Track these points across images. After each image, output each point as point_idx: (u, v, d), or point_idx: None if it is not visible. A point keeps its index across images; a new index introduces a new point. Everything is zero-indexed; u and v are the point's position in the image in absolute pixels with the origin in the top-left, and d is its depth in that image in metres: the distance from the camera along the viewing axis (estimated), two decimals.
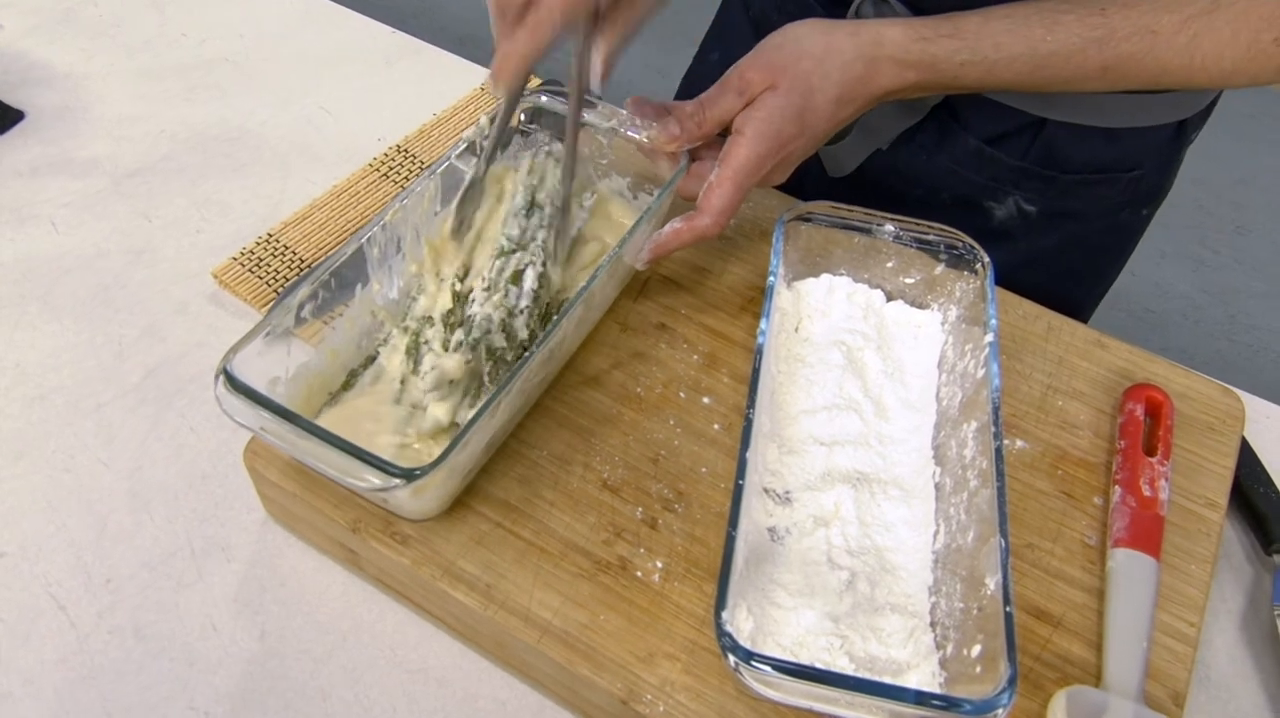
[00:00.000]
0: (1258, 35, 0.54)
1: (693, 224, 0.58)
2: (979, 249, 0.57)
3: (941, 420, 0.55)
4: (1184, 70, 0.57)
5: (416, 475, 0.43)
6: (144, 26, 0.87)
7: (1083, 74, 0.58)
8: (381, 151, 0.77)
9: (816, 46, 0.58)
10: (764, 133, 0.57)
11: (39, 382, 0.62)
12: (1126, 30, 0.56)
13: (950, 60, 0.58)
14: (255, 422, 0.46)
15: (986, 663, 0.43)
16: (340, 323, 0.55)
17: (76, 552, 0.55)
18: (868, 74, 0.58)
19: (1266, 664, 0.56)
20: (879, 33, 0.58)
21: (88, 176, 0.74)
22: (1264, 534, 0.60)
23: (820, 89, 0.57)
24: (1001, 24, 0.58)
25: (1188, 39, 0.55)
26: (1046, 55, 0.58)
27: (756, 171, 0.57)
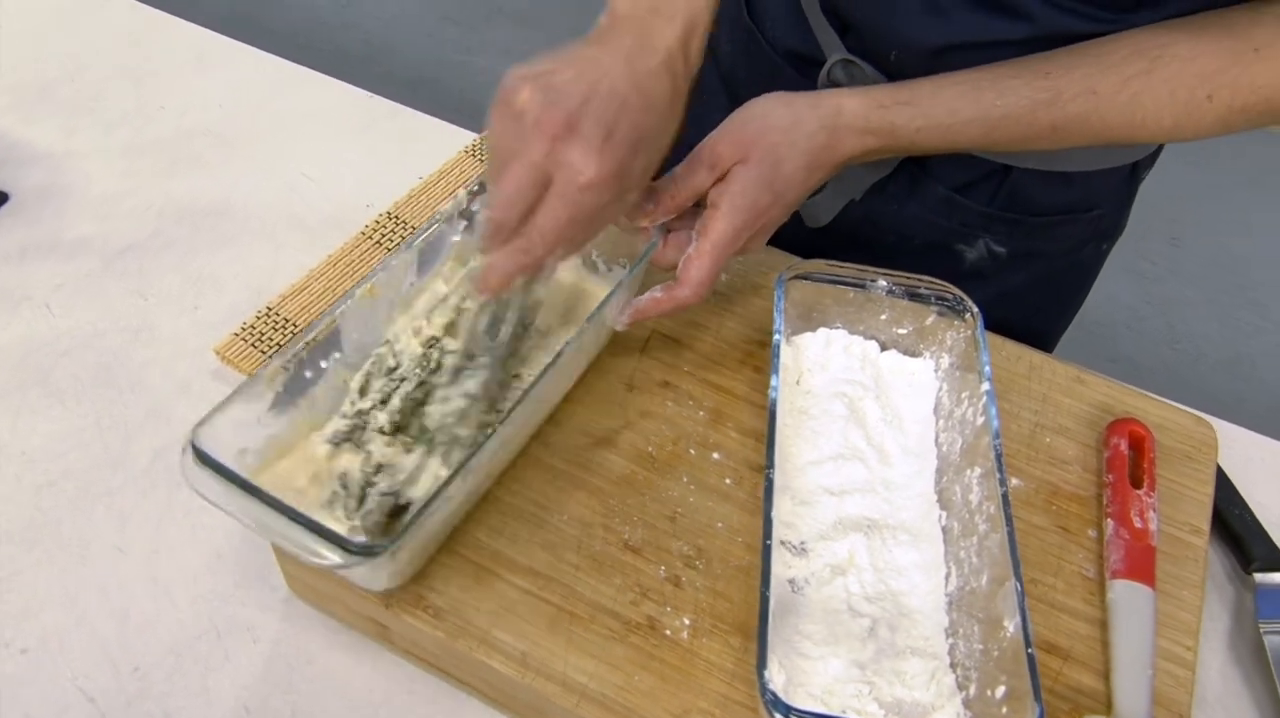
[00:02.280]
0: (1193, 93, 0.58)
1: (673, 294, 0.60)
2: (967, 300, 0.60)
3: (943, 466, 0.58)
4: (1127, 128, 0.61)
5: (367, 551, 0.44)
6: (122, 101, 0.87)
7: (1034, 134, 0.62)
8: (372, 218, 0.78)
9: (782, 120, 0.61)
10: (739, 206, 0.59)
11: (46, 468, 0.62)
12: (1072, 92, 0.60)
13: (907, 126, 0.61)
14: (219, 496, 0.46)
15: (1012, 704, 0.45)
16: (313, 392, 0.55)
17: (100, 642, 0.55)
18: (831, 143, 0.61)
19: (1256, 681, 0.59)
20: (839, 104, 0.61)
21: (78, 257, 0.74)
22: (1242, 554, 0.63)
23: (789, 159, 0.60)
24: (954, 90, 0.61)
25: (1128, 98, 0.59)
26: (999, 119, 0.61)
27: (734, 243, 0.60)
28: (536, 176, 0.49)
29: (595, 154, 0.49)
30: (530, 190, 0.50)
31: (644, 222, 0.61)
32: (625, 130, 0.50)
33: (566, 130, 0.49)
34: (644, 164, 0.53)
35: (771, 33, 0.77)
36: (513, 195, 0.49)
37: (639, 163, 0.52)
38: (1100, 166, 0.73)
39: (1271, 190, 2.39)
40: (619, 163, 0.50)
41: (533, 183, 0.50)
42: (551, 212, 0.50)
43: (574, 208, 0.50)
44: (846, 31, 0.71)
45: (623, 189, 0.52)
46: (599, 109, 0.49)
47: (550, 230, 0.50)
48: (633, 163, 0.51)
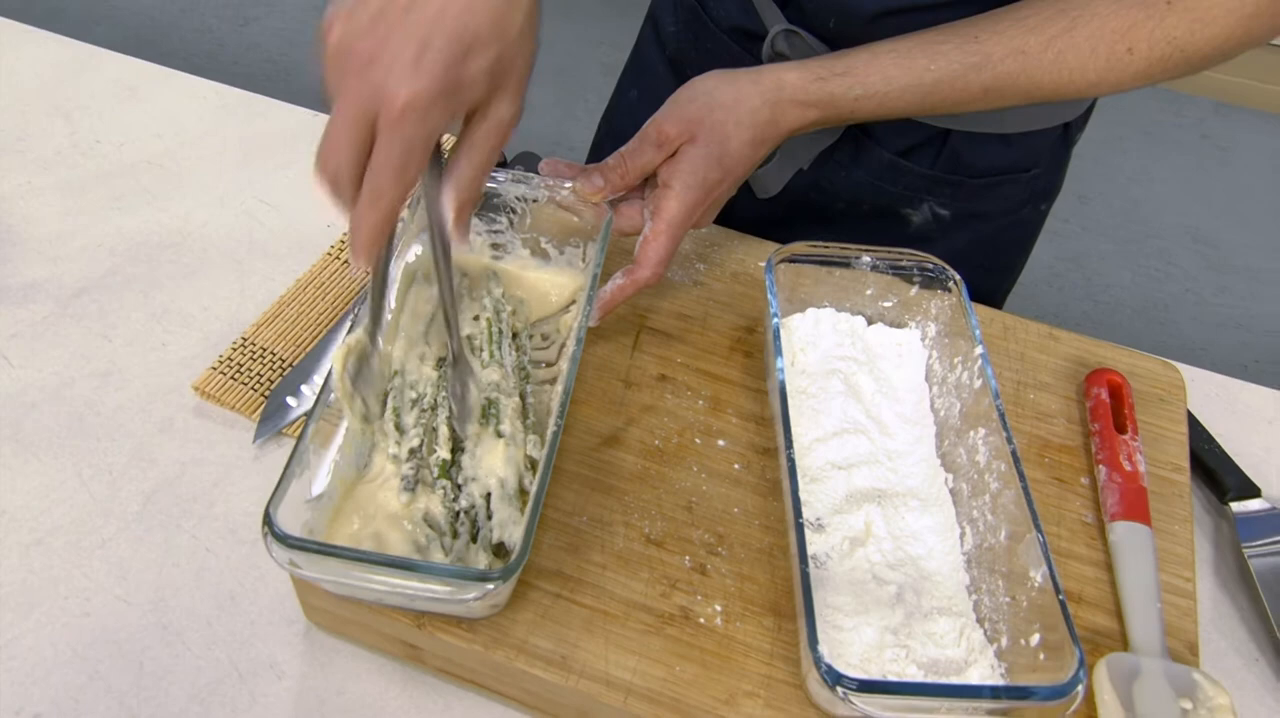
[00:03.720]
0: (1114, 47, 0.61)
1: (634, 277, 0.62)
2: (949, 269, 0.62)
3: (942, 430, 0.60)
4: (1054, 85, 0.64)
5: (513, 570, 0.44)
6: (53, 137, 0.83)
7: (967, 97, 0.64)
8: (336, 238, 0.76)
9: (726, 97, 0.62)
10: (691, 184, 0.61)
11: (32, 527, 0.60)
12: (1000, 54, 0.62)
13: (845, 96, 0.63)
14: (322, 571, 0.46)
15: (1048, 651, 0.47)
16: (336, 442, 0.54)
17: (118, 697, 0.53)
18: (774, 117, 0.63)
19: (1243, 603, 0.63)
20: (779, 78, 0.63)
21: (30, 303, 0.71)
22: (1217, 486, 0.67)
23: (735, 135, 0.62)
24: (888, 59, 0.63)
25: (1054, 56, 0.62)
26: (932, 84, 0.63)
27: (688, 221, 0.62)
28: (352, 118, 0.44)
29: (407, 72, 0.43)
30: (349, 134, 0.44)
31: (596, 198, 0.62)
32: (443, 37, 0.44)
33: (370, 57, 0.44)
34: (486, 64, 0.46)
35: (715, 10, 0.79)
36: (336, 144, 0.45)
37: (476, 66, 0.45)
38: (1035, 127, 0.76)
39: (1163, 142, 2.51)
40: (442, 75, 0.44)
41: (350, 126, 0.44)
42: (382, 148, 0.44)
43: (402, 137, 0.44)
44: (787, 4, 0.72)
45: (467, 100, 0.46)
46: (407, 24, 0.44)
47: (388, 170, 0.44)
48: (465, 69, 0.45)
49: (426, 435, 0.54)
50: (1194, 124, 2.57)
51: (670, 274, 0.71)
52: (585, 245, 0.65)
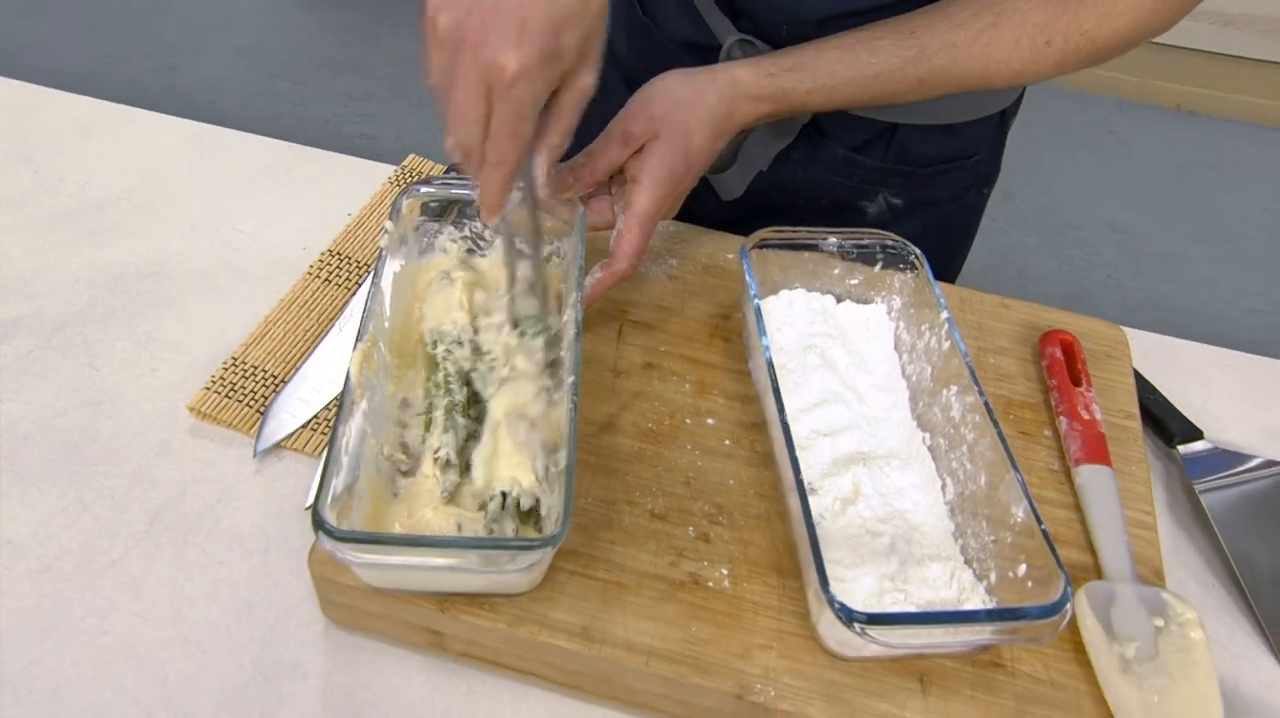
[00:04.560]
0: (1034, 39, 0.67)
1: (612, 270, 0.66)
2: (909, 245, 0.66)
3: (915, 394, 0.64)
4: (983, 75, 0.69)
5: (558, 537, 0.47)
6: (17, 178, 0.84)
7: (904, 87, 0.69)
8: (315, 258, 0.78)
9: (685, 94, 0.66)
10: (659, 177, 0.65)
11: (39, 554, 0.60)
12: (934, 47, 0.68)
13: (796, 89, 0.68)
14: (372, 559, 0.49)
15: (1035, 579, 0.51)
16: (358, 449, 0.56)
17: (144, 709, 0.54)
18: (731, 111, 0.67)
19: (1198, 536, 0.68)
20: (734, 75, 0.67)
21: (14, 338, 0.72)
22: (1164, 432, 0.72)
23: (696, 130, 0.66)
24: (833, 54, 0.68)
25: (981, 49, 0.67)
26: (873, 76, 0.68)
27: (658, 213, 0.66)
28: (475, 90, 0.51)
29: (513, 46, 0.50)
30: (475, 106, 0.51)
31: (566, 195, 0.66)
32: (540, 15, 0.51)
33: (482, 35, 0.50)
34: (577, 39, 0.53)
35: (666, 26, 0.83)
36: (464, 117, 0.52)
37: (569, 39, 0.52)
38: (974, 116, 0.82)
39: (1074, 140, 2.64)
40: (542, 47, 0.51)
41: (474, 97, 0.51)
42: (500, 116, 0.52)
43: (515, 103, 0.51)
44: (738, 15, 0.77)
45: (559, 69, 0.53)
46: (508, 6, 0.50)
47: (507, 134, 0.52)
48: (559, 42, 0.52)
49: (448, 439, 0.57)
50: (1100, 121, 2.71)
51: (646, 270, 0.74)
52: (558, 244, 0.68)
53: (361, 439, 0.55)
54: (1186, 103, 2.75)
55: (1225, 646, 0.63)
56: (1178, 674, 0.53)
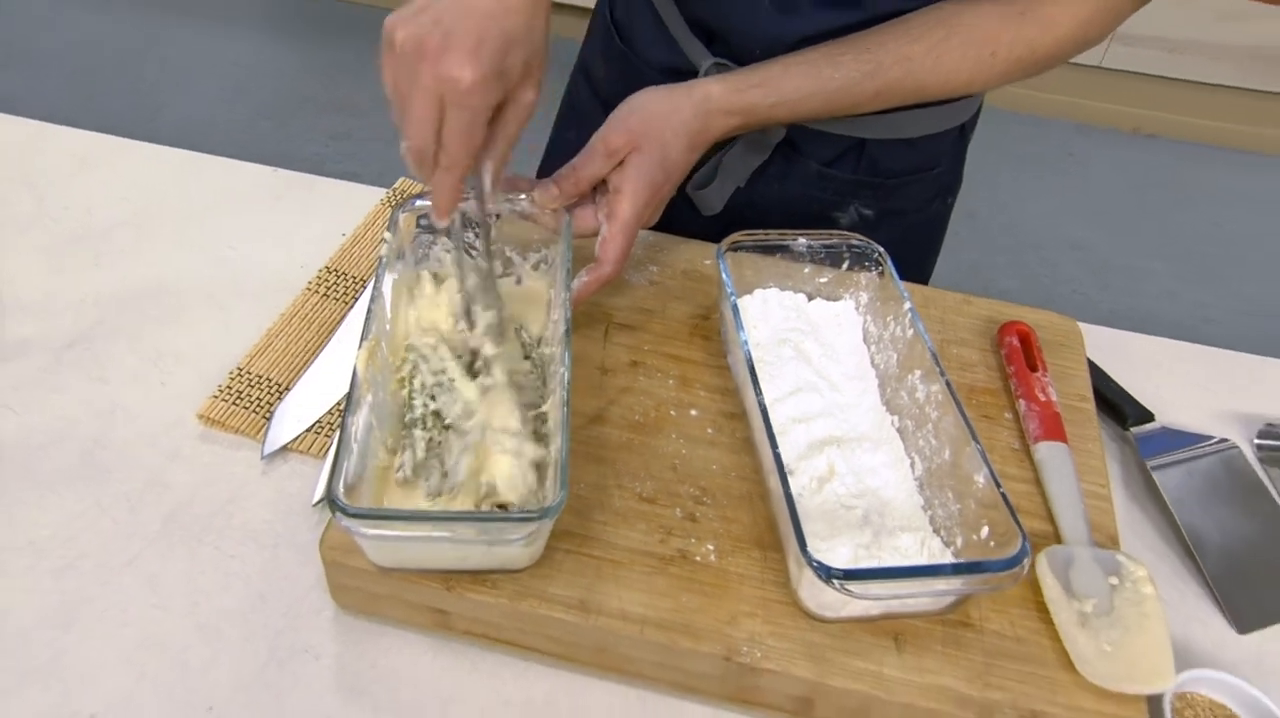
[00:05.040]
0: (981, 51, 0.72)
1: (597, 274, 0.70)
2: (873, 243, 0.71)
3: (884, 380, 0.69)
4: (936, 86, 0.74)
5: (555, 509, 0.51)
6: (22, 208, 0.87)
7: (864, 99, 0.75)
8: (312, 275, 0.82)
9: (662, 109, 0.71)
10: (639, 186, 0.70)
11: (60, 553, 0.63)
12: (889, 61, 0.73)
13: (763, 104, 0.73)
14: (385, 533, 0.53)
15: (997, 539, 0.55)
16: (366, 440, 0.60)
17: (168, 690, 0.57)
18: (705, 125, 0.72)
19: (1150, 509, 0.73)
20: (706, 91, 0.72)
21: (25, 357, 0.75)
22: (1118, 415, 0.77)
23: (673, 143, 0.71)
24: (798, 70, 0.74)
25: (934, 61, 0.73)
26: (834, 90, 0.74)
27: (639, 220, 0.70)
28: (431, 99, 0.56)
29: (469, 60, 0.55)
30: (431, 112, 0.56)
31: (554, 205, 0.71)
32: (493, 35, 0.56)
33: (441, 49, 0.55)
34: (522, 58, 0.58)
35: (644, 53, 0.88)
36: (419, 122, 0.56)
37: (515, 58, 0.57)
38: (935, 130, 0.87)
39: (1035, 163, 2.72)
40: (493, 63, 0.56)
41: (430, 105, 0.56)
42: (453, 123, 0.56)
43: (469, 112, 0.56)
44: (712, 40, 0.82)
45: (506, 85, 0.58)
46: (465, 24, 0.55)
47: (458, 139, 0.57)
48: (507, 61, 0.57)
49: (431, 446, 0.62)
50: (1059, 144, 2.80)
51: (629, 276, 0.78)
52: (545, 252, 0.72)
53: (368, 431, 0.59)
54: (1141, 125, 2.86)
55: (1179, 608, 0.67)
56: (1131, 626, 0.57)
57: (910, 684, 0.55)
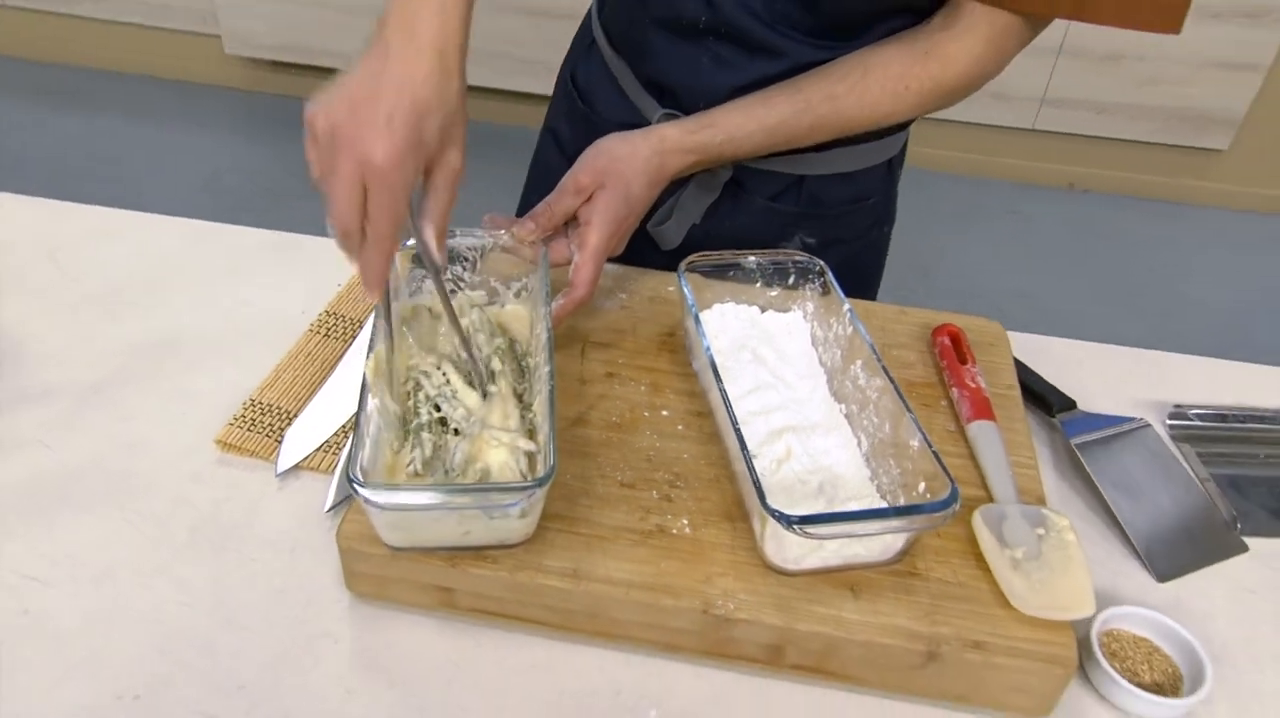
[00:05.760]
0: (895, 86, 0.83)
1: (572, 297, 0.79)
2: (815, 258, 0.81)
3: (831, 375, 0.78)
4: (859, 119, 0.85)
5: (546, 478, 0.59)
6: (42, 274, 0.95)
7: (799, 134, 0.85)
8: (313, 318, 0.90)
9: (624, 152, 0.82)
10: (606, 219, 0.79)
11: (96, 563, 0.70)
12: (817, 99, 0.83)
13: (713, 142, 0.84)
14: (401, 502, 0.60)
15: (933, 491, 0.64)
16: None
17: (202, 674, 0.63)
18: (662, 163, 0.83)
19: (1078, 485, 0.81)
20: (662, 134, 0.83)
21: (52, 402, 0.82)
22: (1045, 405, 0.86)
23: (635, 180, 0.81)
24: (738, 111, 0.84)
25: (856, 97, 0.83)
26: (773, 126, 0.84)
27: (607, 248, 0.80)
28: (351, 182, 0.59)
29: (381, 136, 0.59)
30: (353, 194, 0.60)
31: (531, 238, 0.80)
32: (403, 109, 0.59)
33: (354, 134, 0.59)
34: (437, 125, 0.62)
35: (602, 111, 0.99)
36: (341, 204, 0.60)
37: (430, 127, 0.61)
38: (867, 164, 0.98)
39: (984, 221, 2.88)
40: (407, 136, 0.59)
41: (351, 188, 0.60)
42: (376, 200, 0.60)
43: (388, 189, 0.60)
44: (662, 95, 0.93)
45: (427, 154, 0.62)
46: (373, 104, 0.59)
47: (383, 216, 0.60)
48: (422, 131, 0.61)
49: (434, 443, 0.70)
50: (1003, 202, 2.97)
51: (600, 303, 0.87)
52: (525, 280, 0.81)
53: (378, 431, 0.66)
54: (1076, 182, 3.03)
55: (1105, 564, 0.75)
56: (1056, 567, 0.65)
57: (868, 625, 0.63)
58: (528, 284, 0.81)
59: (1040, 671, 0.62)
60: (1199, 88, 2.73)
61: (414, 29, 0.63)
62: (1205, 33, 2.63)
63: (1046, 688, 0.62)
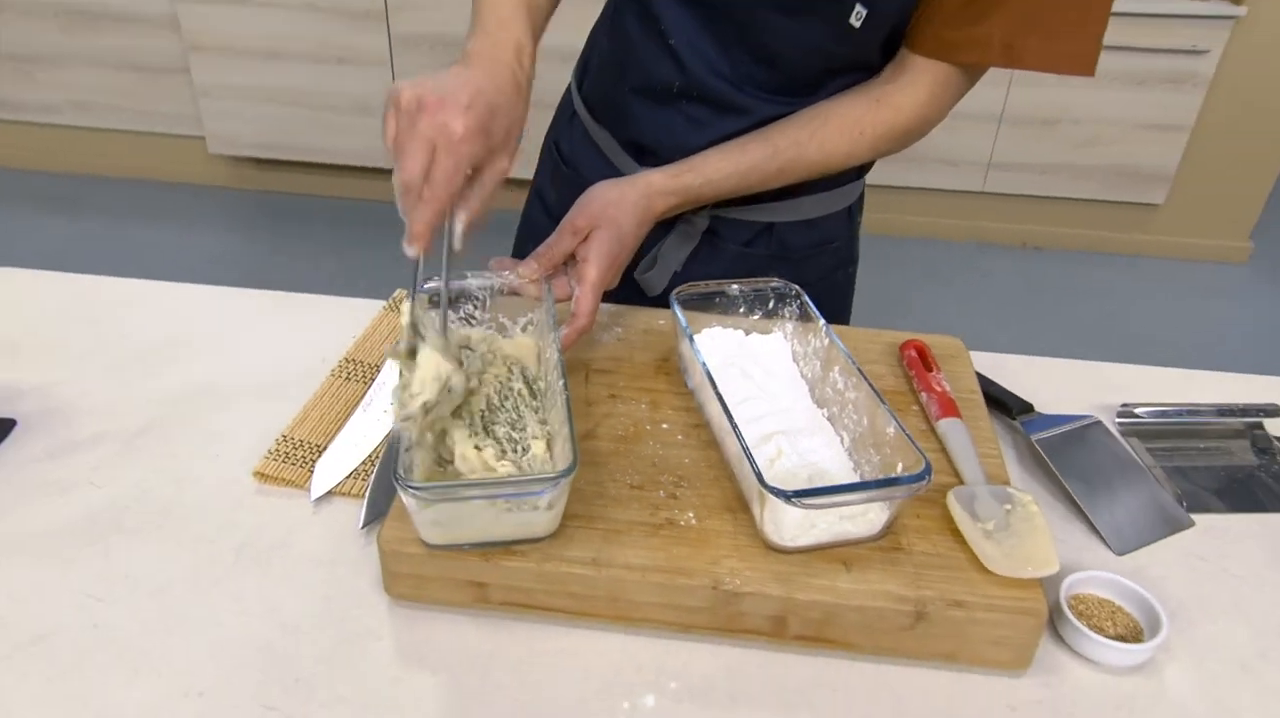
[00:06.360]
0: (851, 131, 0.94)
1: (575, 326, 0.88)
2: (792, 284, 0.91)
3: (812, 385, 0.87)
4: (822, 162, 0.96)
5: (570, 470, 0.66)
6: (83, 341, 1.03)
7: (769, 176, 0.96)
8: (334, 364, 0.98)
9: (615, 196, 0.92)
10: (602, 255, 0.89)
11: (152, 581, 0.76)
12: (784, 145, 0.94)
13: (694, 184, 0.94)
14: (443, 496, 0.68)
15: (908, 470, 0.72)
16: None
17: (260, 671, 0.69)
18: (649, 205, 0.93)
19: (1040, 478, 0.90)
20: (649, 180, 0.94)
21: (100, 447, 0.89)
22: (1006, 409, 0.95)
23: (625, 221, 0.91)
24: (715, 157, 0.95)
25: (818, 143, 0.95)
26: (746, 170, 0.95)
27: (603, 282, 0.89)
28: (425, 143, 0.69)
29: (461, 115, 0.70)
30: (424, 154, 0.69)
31: (535, 277, 0.89)
32: (482, 102, 0.71)
33: (438, 105, 0.70)
34: (503, 127, 0.74)
35: (585, 173, 1.09)
36: (411, 161, 0.69)
37: (498, 125, 0.73)
38: (829, 211, 1.09)
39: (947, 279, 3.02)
40: (480, 121, 0.71)
41: (424, 148, 0.69)
42: (440, 164, 0.70)
43: (455, 156, 0.70)
44: (641, 155, 1.04)
45: (490, 145, 0.73)
46: (460, 90, 0.71)
47: (443, 177, 0.70)
48: (492, 124, 0.72)
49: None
50: (965, 260, 3.12)
51: (600, 335, 0.96)
52: (531, 315, 0.90)
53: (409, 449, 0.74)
54: (1028, 240, 3.20)
55: (1068, 543, 0.83)
56: (1023, 534, 0.73)
57: (860, 592, 0.70)
58: (533, 318, 0.90)
59: (1015, 623, 0.69)
60: (1132, 147, 2.93)
61: (496, 56, 0.78)
62: (1133, 97, 2.83)
63: (1022, 639, 0.70)
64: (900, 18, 0.90)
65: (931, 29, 0.89)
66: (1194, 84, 2.80)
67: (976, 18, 0.86)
